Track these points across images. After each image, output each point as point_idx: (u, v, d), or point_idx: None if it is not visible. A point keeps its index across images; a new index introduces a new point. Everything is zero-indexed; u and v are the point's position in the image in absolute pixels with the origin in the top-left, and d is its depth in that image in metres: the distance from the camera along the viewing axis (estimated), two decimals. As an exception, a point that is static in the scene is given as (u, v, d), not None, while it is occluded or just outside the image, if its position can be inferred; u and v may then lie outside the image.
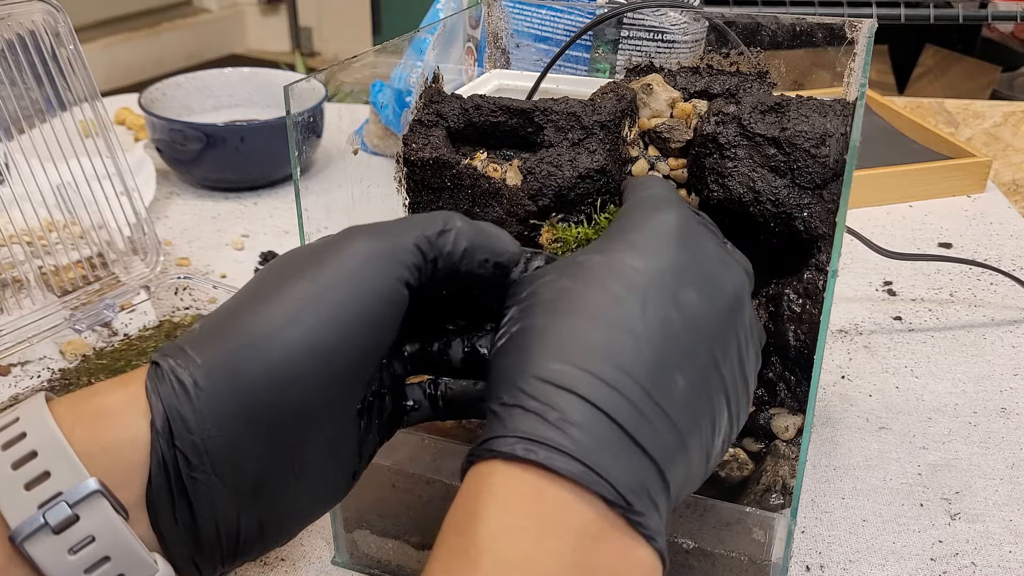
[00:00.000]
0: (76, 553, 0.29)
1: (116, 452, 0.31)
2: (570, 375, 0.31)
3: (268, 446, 0.33)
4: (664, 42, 0.65)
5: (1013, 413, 0.66)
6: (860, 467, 0.61)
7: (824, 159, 0.43)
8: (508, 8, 0.63)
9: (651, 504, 0.31)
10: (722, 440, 0.35)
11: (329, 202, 0.47)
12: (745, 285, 0.37)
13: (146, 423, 0.31)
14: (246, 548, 0.34)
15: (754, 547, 0.43)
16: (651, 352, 0.32)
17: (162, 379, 0.32)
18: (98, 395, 0.32)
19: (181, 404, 0.31)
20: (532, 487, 0.29)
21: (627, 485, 0.30)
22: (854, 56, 0.50)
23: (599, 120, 0.45)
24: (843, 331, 0.76)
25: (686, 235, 0.36)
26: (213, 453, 0.31)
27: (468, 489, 0.31)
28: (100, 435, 0.31)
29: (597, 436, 0.30)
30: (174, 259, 0.87)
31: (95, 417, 0.31)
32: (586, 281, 0.34)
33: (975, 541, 0.55)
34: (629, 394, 0.31)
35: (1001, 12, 1.73)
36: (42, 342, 0.70)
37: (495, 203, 0.45)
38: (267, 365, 0.32)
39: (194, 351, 0.32)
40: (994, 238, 0.91)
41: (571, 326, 0.33)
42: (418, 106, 0.49)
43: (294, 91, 0.43)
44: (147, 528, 0.31)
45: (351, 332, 0.34)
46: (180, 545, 0.32)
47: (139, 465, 0.31)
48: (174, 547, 0.32)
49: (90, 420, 0.31)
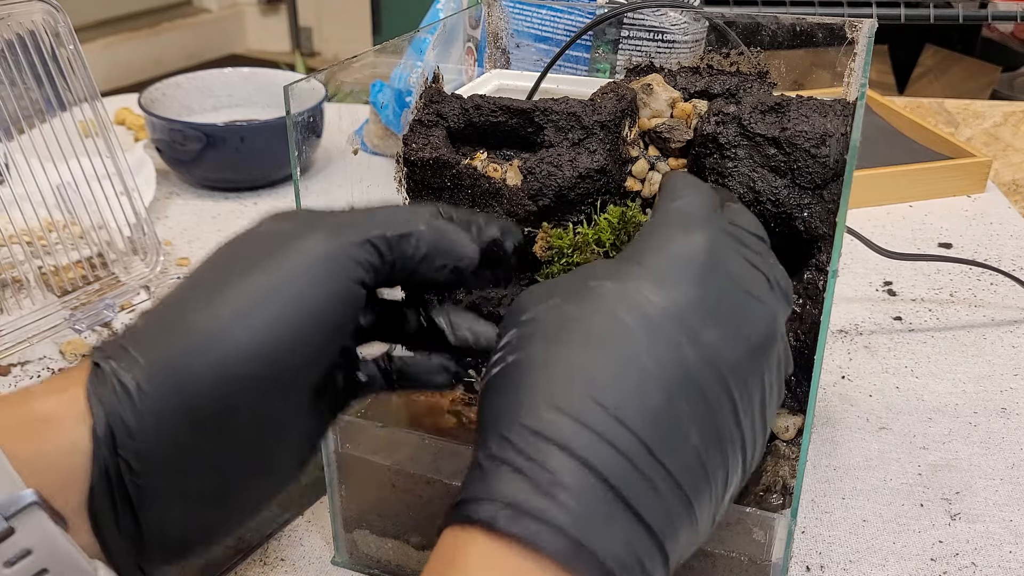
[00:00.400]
0: (12, 567, 0.28)
1: (55, 459, 0.30)
2: (564, 428, 0.28)
3: (215, 448, 0.32)
4: (664, 42, 0.65)
5: (1013, 413, 0.66)
6: (860, 467, 0.61)
7: (824, 159, 0.43)
8: (508, 8, 0.63)
9: (642, 574, 0.28)
10: (731, 495, 0.32)
11: (329, 202, 0.47)
12: (778, 319, 0.33)
13: (86, 429, 0.30)
14: (192, 547, 0.33)
15: (754, 547, 0.42)
16: (661, 402, 0.29)
17: (103, 382, 0.30)
18: (35, 399, 0.31)
19: (124, 410, 0.30)
20: (509, 563, 0.27)
21: (619, 560, 0.27)
22: (854, 56, 0.50)
23: (599, 120, 0.45)
24: (843, 331, 0.76)
25: (714, 262, 0.32)
26: (157, 458, 0.30)
27: (441, 554, 0.28)
28: (39, 443, 0.30)
29: (589, 505, 0.27)
30: (174, 259, 0.87)
31: (32, 423, 0.30)
32: (594, 312, 0.30)
33: (975, 541, 0.55)
34: (630, 453, 0.28)
35: (1001, 12, 1.73)
36: (42, 342, 0.70)
37: (495, 203, 0.45)
38: (213, 368, 0.31)
39: (137, 351, 0.31)
40: (994, 238, 0.91)
41: (570, 365, 0.29)
42: (418, 106, 0.49)
43: (294, 91, 0.43)
44: (88, 535, 0.30)
45: (301, 334, 0.32)
46: (123, 552, 0.31)
47: (79, 471, 0.30)
48: (117, 553, 0.31)
49: (27, 426, 0.30)
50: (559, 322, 0.31)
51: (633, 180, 0.47)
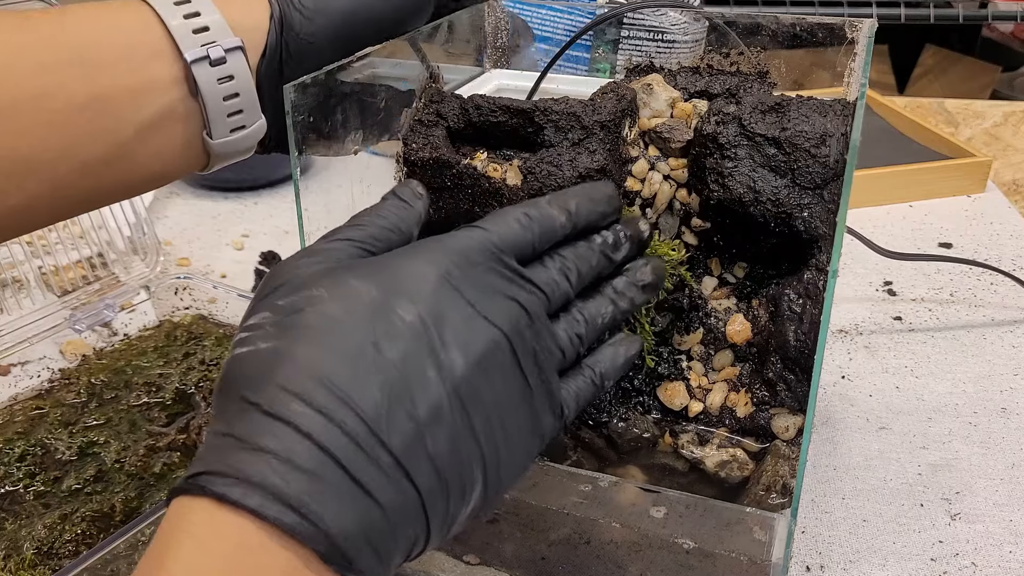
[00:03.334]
0: (221, 84, 0.43)
1: (248, 29, 0.44)
2: (294, 407, 0.30)
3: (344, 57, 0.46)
4: (664, 42, 0.65)
5: (1013, 413, 0.66)
6: (860, 467, 0.61)
7: (824, 159, 0.43)
8: (508, 8, 0.63)
9: (373, 555, 0.30)
10: (471, 509, 0.34)
11: (329, 202, 0.47)
12: (500, 343, 0.34)
13: (267, 15, 0.45)
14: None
15: (754, 547, 0.42)
16: (390, 395, 0.31)
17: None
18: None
19: (291, 11, 0.45)
20: (237, 530, 0.28)
21: (343, 530, 0.29)
22: (854, 56, 0.50)
23: (599, 120, 0.45)
24: (843, 331, 0.76)
25: (459, 283, 0.34)
26: (306, 53, 0.45)
27: (168, 524, 0.30)
28: (242, 17, 0.44)
29: (314, 477, 0.29)
30: (174, 259, 0.87)
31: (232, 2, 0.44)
32: (351, 319, 0.32)
33: (975, 541, 0.55)
34: (355, 432, 0.30)
35: (1001, 12, 1.73)
36: (42, 342, 0.70)
37: (495, 203, 0.45)
38: (350, 3, 0.46)
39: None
40: (994, 238, 0.91)
41: (315, 363, 0.31)
42: (418, 106, 0.49)
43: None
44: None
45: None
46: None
47: (259, 43, 0.44)
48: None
49: (232, 3, 0.44)
50: (316, 323, 0.32)
51: (633, 180, 0.47)
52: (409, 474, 0.31)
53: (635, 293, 0.41)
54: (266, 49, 0.44)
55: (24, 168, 0.40)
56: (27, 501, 0.56)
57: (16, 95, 0.39)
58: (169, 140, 0.43)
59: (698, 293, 0.48)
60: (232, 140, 0.45)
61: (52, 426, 0.62)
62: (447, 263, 0.34)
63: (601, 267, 0.40)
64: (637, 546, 0.46)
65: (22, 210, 0.41)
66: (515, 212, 0.38)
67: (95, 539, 0.53)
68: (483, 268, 0.35)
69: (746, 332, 0.47)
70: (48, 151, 0.40)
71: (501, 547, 0.49)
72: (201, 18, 0.43)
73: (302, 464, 0.29)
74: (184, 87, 0.43)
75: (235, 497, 0.28)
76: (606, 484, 0.44)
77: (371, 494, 0.30)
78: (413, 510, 0.31)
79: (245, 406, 0.31)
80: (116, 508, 0.55)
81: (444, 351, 0.32)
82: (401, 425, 0.31)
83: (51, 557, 0.52)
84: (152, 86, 0.42)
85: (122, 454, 0.59)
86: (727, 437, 0.46)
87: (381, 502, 0.30)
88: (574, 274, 0.39)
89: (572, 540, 0.47)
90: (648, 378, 0.48)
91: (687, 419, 0.47)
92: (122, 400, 0.65)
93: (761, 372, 0.46)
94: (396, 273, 0.34)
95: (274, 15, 0.44)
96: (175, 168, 0.45)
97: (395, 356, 0.32)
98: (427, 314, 0.33)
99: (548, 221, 0.38)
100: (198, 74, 0.42)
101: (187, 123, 0.44)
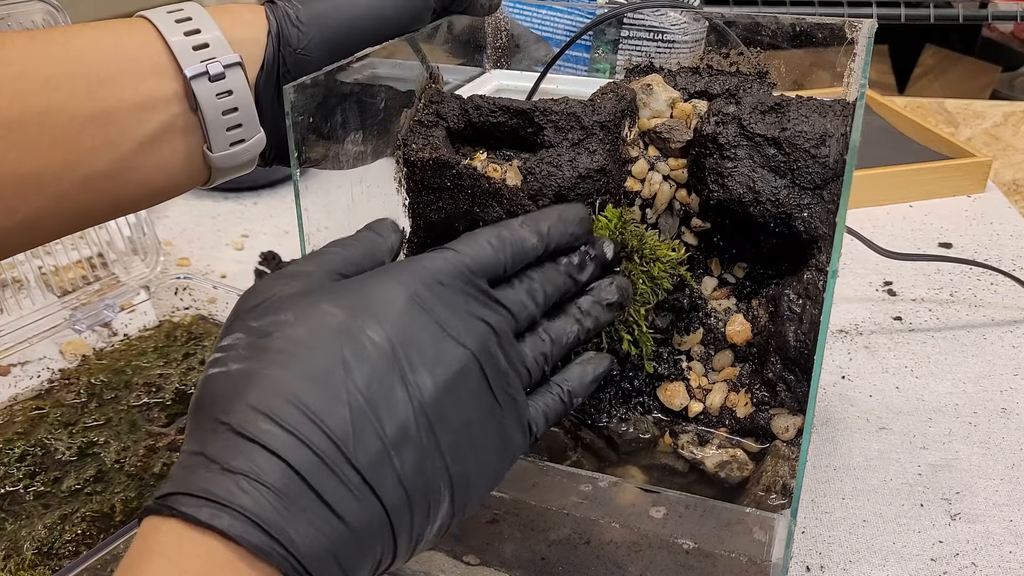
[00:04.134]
0: (220, 98, 0.44)
1: (245, 42, 0.45)
2: (263, 426, 0.31)
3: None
4: (664, 42, 0.65)
5: (1013, 413, 0.66)
6: (860, 467, 0.61)
7: (824, 159, 0.43)
8: (508, 8, 0.63)
9: (339, 572, 0.31)
10: (438, 527, 0.34)
11: (329, 202, 0.47)
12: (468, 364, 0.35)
13: (264, 32, 0.45)
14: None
15: (754, 547, 0.42)
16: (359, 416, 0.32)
17: (275, 10, 0.46)
18: (235, 9, 0.46)
19: (287, 25, 0.45)
20: (205, 551, 0.29)
21: (310, 549, 0.30)
22: (854, 56, 0.50)
23: (599, 120, 0.45)
24: (843, 331, 0.76)
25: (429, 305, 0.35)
26: (303, 67, 0.46)
27: (140, 543, 0.30)
28: (239, 30, 0.45)
29: (282, 497, 0.30)
30: (174, 259, 0.87)
31: (231, 13, 0.46)
32: (320, 341, 0.33)
33: (975, 541, 0.55)
34: (323, 453, 0.31)
35: (1001, 12, 1.73)
36: (42, 342, 0.70)
37: (495, 203, 0.45)
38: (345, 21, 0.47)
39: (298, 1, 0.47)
40: (994, 238, 0.91)
41: (285, 387, 0.32)
42: (418, 107, 0.49)
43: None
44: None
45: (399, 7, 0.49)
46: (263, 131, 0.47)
47: (256, 57, 0.45)
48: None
49: (229, 16, 0.45)
50: (286, 347, 0.33)
51: (633, 180, 0.47)
52: (376, 491, 0.31)
53: (600, 312, 0.42)
54: (264, 63, 0.45)
55: (30, 183, 0.40)
56: (27, 501, 0.56)
57: (23, 111, 0.39)
58: (170, 154, 0.44)
59: (698, 293, 0.48)
60: (232, 153, 0.46)
61: (52, 426, 0.62)
62: (417, 284, 0.35)
63: (567, 287, 0.41)
64: (637, 546, 0.46)
65: (28, 225, 0.42)
66: (488, 234, 0.38)
67: (95, 539, 0.53)
68: (453, 289, 0.36)
69: (746, 332, 0.47)
70: (52, 166, 0.40)
71: (501, 547, 0.49)
72: (201, 35, 0.44)
73: (270, 483, 0.30)
74: (184, 102, 0.43)
75: (203, 519, 0.29)
76: (606, 484, 0.44)
77: (338, 513, 0.31)
78: (379, 527, 0.32)
79: (217, 426, 0.31)
80: (116, 508, 0.55)
81: (412, 371, 0.33)
82: (368, 444, 0.31)
83: (51, 557, 0.52)
84: (153, 101, 0.43)
85: (122, 454, 0.59)
86: (727, 437, 0.46)
87: (348, 520, 0.31)
88: (540, 295, 0.39)
89: (572, 540, 0.47)
90: (648, 378, 0.48)
91: (687, 419, 0.47)
92: (122, 400, 0.65)
93: (761, 372, 0.46)
94: (367, 296, 0.34)
95: (271, 30, 0.45)
96: (177, 182, 0.46)
97: (363, 377, 0.32)
98: (395, 335, 0.33)
99: (520, 244, 0.39)
100: (197, 89, 0.43)
101: (188, 137, 0.44)
